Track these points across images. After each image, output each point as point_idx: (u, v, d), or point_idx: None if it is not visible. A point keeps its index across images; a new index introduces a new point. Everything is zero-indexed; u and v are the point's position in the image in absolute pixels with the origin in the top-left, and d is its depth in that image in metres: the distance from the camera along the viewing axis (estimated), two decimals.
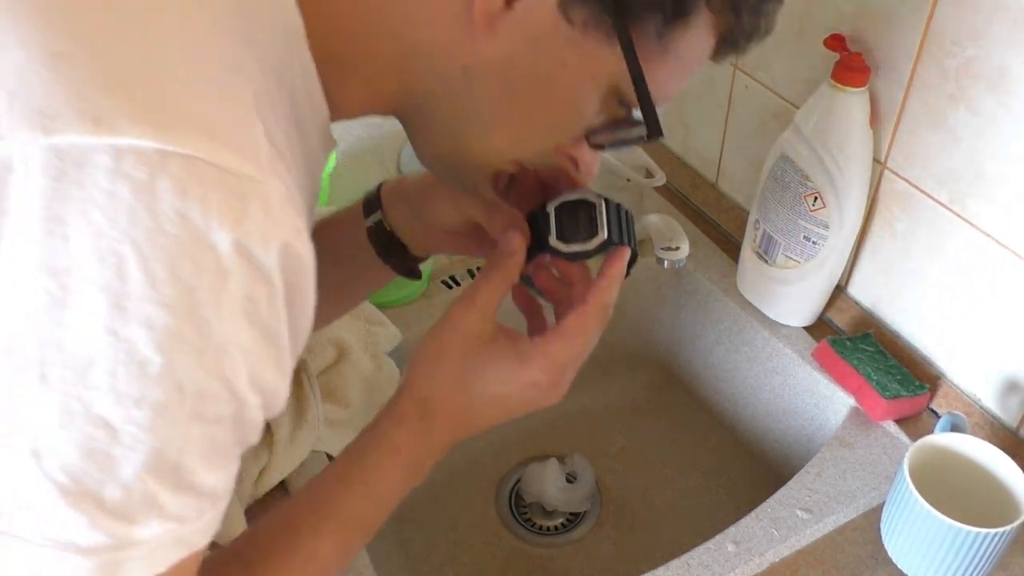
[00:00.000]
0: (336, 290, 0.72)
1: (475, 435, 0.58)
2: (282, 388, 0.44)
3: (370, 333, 0.92)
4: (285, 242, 0.39)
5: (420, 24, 0.49)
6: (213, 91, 0.39)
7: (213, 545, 0.71)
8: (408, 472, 0.57)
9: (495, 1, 0.47)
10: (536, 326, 0.62)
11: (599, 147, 0.56)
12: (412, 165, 1.16)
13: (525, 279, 0.61)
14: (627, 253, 0.58)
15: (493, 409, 0.58)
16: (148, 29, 0.39)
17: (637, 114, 0.53)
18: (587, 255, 0.57)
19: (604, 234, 0.57)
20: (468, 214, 0.63)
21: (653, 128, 0.52)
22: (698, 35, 0.51)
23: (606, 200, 0.59)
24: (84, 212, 0.35)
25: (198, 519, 0.43)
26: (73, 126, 0.35)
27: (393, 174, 1.18)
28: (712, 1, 0.49)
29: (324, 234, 0.71)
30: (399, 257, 0.69)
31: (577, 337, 0.56)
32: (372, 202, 0.69)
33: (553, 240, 0.57)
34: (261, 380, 0.42)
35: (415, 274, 0.71)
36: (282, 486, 0.81)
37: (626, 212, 0.60)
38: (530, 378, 0.56)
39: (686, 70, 0.54)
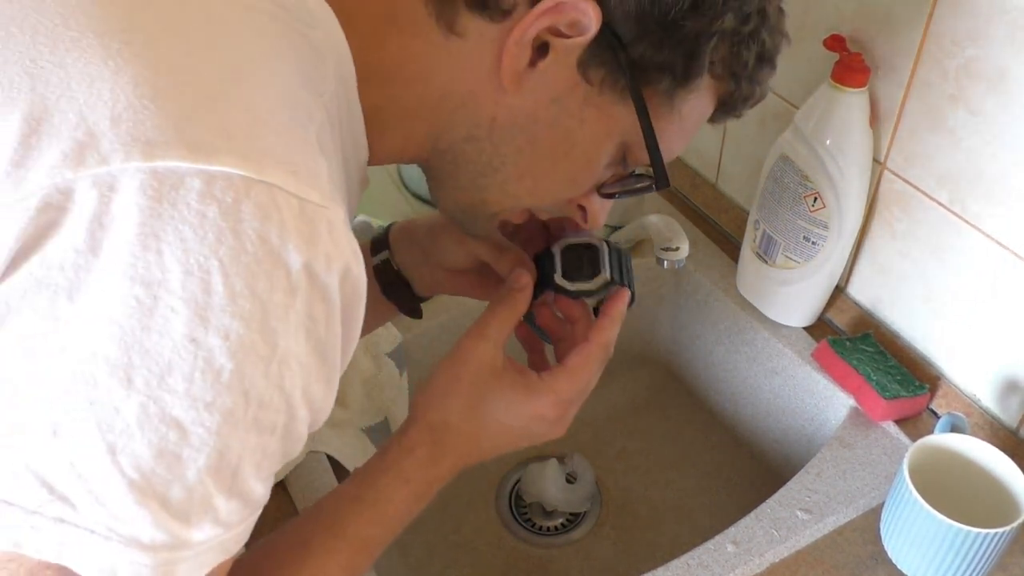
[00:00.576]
0: None
1: (481, 462, 0.62)
2: (328, 404, 0.47)
3: (370, 334, 0.92)
4: (346, 265, 0.43)
5: (454, 78, 0.52)
6: (288, 127, 0.42)
7: None
8: (416, 498, 0.60)
9: (521, 60, 0.50)
10: (537, 361, 0.66)
11: (609, 197, 0.60)
12: (410, 171, 1.16)
13: (528, 316, 0.65)
14: (627, 294, 0.63)
15: (500, 438, 0.61)
16: (235, 67, 0.42)
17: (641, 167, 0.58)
18: (590, 294, 0.62)
19: (607, 274, 0.62)
20: (476, 255, 0.67)
21: (661, 180, 0.56)
22: (701, 97, 0.55)
23: (608, 243, 0.64)
24: (177, 229, 0.38)
25: (240, 525, 0.45)
26: (171, 153, 0.38)
27: (396, 180, 1.18)
28: (714, 67, 0.53)
29: None
30: (403, 296, 0.74)
31: (581, 374, 0.61)
32: (380, 241, 0.74)
33: (559, 278, 0.62)
34: (311, 394, 0.44)
35: (417, 313, 0.75)
36: (282, 487, 0.81)
37: (627, 256, 0.65)
38: (537, 411, 0.60)
39: (689, 131, 0.57)
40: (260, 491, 0.45)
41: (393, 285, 0.73)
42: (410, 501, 0.59)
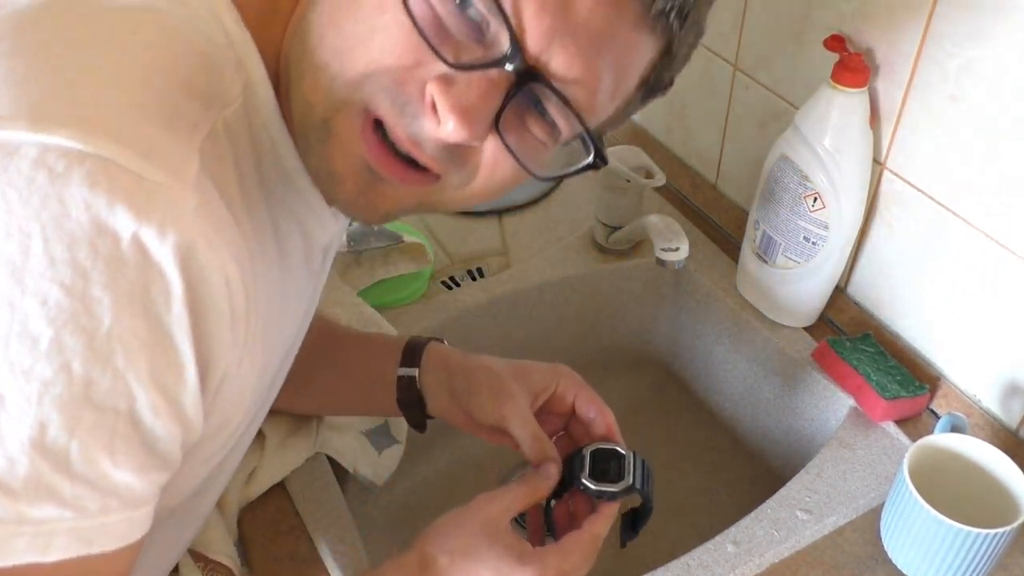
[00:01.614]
0: (340, 397, 0.81)
1: None
2: (189, 402, 0.45)
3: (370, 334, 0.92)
4: (189, 245, 0.42)
5: None
6: (152, 120, 0.43)
7: (198, 556, 0.73)
8: None
9: None
10: (534, 543, 0.68)
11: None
12: None
13: (546, 508, 0.70)
14: (616, 505, 0.68)
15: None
16: (110, 73, 0.44)
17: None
18: (612, 496, 0.67)
19: (630, 480, 0.68)
20: (507, 426, 0.70)
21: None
22: None
23: (634, 453, 0.70)
24: (3, 193, 0.39)
25: (101, 515, 0.44)
26: (16, 124, 0.40)
27: None
28: None
29: (360, 346, 0.82)
30: (415, 413, 0.76)
31: (570, 556, 0.64)
32: (414, 354, 0.76)
33: (586, 478, 0.68)
34: (161, 381, 0.43)
35: (421, 427, 0.78)
36: (282, 487, 0.81)
37: (649, 467, 0.71)
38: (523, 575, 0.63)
39: None
40: (121, 478, 0.44)
41: (408, 401, 0.75)
42: None
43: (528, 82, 0.48)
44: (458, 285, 1.04)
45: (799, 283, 0.93)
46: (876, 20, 0.84)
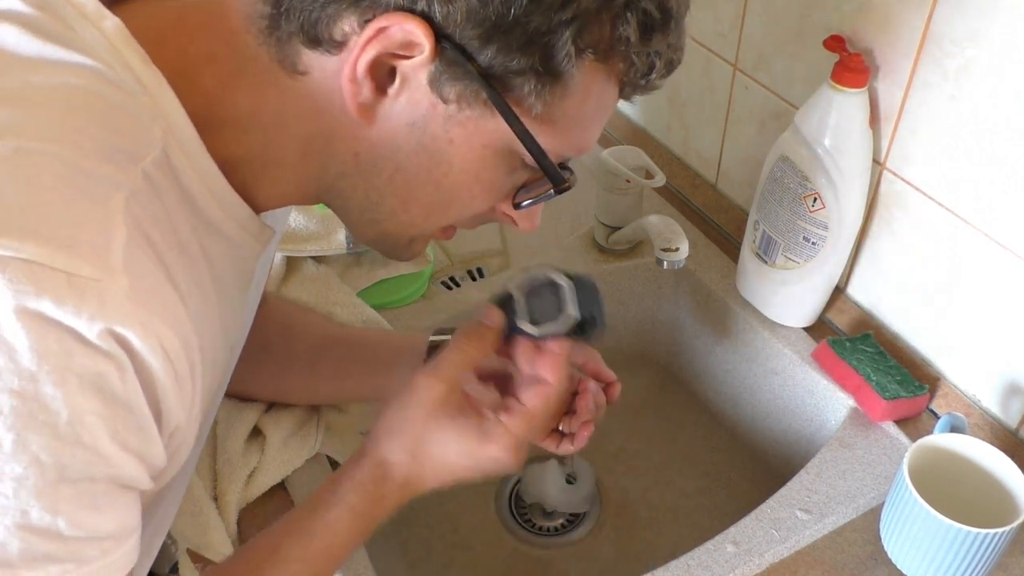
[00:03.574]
0: (356, 376, 0.82)
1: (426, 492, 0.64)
2: (154, 451, 0.48)
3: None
4: (124, 332, 0.43)
5: (312, 118, 0.52)
6: (70, 203, 0.43)
7: (197, 557, 0.73)
8: (361, 531, 0.62)
9: (364, 91, 0.50)
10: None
11: (518, 207, 0.59)
12: None
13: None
14: (565, 344, 0.63)
15: (448, 476, 0.63)
16: (11, 157, 0.43)
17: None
18: (557, 334, 0.61)
19: (572, 311, 0.61)
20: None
21: (556, 180, 0.55)
22: (589, 85, 0.51)
23: (570, 277, 0.62)
24: None
25: (102, 558, 0.46)
26: None
27: None
28: (591, 52, 0.50)
29: (383, 333, 0.87)
30: None
31: (532, 411, 0.62)
32: (445, 331, 0.78)
33: (523, 323, 0.61)
34: (127, 442, 0.45)
35: None
36: (282, 488, 0.81)
37: (590, 283, 0.63)
38: (491, 454, 0.61)
39: (591, 119, 0.55)
40: (108, 526, 0.46)
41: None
42: (355, 533, 0.62)
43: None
44: (458, 285, 1.04)
45: (799, 283, 0.93)
46: (876, 20, 0.84)
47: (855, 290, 0.98)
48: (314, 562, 0.61)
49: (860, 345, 0.91)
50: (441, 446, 0.60)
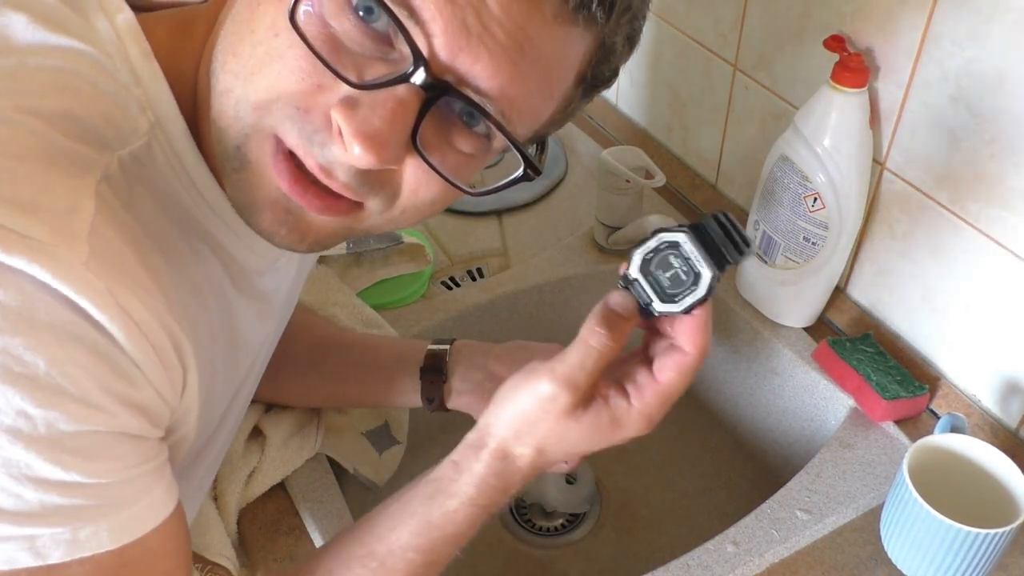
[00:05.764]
0: (353, 380, 0.82)
1: None
2: (151, 399, 0.46)
3: (370, 336, 0.92)
4: (77, 300, 0.41)
5: None
6: (36, 171, 0.42)
7: (197, 558, 0.73)
8: (482, 519, 0.60)
9: None
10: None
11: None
12: None
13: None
14: (706, 307, 0.55)
15: (578, 456, 0.60)
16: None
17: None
18: (700, 302, 0.53)
19: (706, 270, 0.52)
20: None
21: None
22: None
23: (684, 229, 0.53)
24: None
25: (125, 508, 0.46)
26: None
27: None
28: None
29: (382, 338, 0.87)
30: (435, 382, 0.78)
31: (676, 391, 0.57)
32: (443, 341, 0.80)
33: (659, 305, 0.54)
34: (121, 394, 0.44)
35: (433, 401, 0.79)
36: (282, 488, 0.81)
37: (712, 222, 0.53)
38: (623, 436, 0.57)
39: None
40: (125, 471, 0.46)
41: (432, 371, 0.78)
42: (475, 522, 0.59)
43: (440, 95, 0.45)
44: (458, 285, 1.04)
45: (799, 283, 0.93)
46: (876, 20, 0.84)
47: (855, 290, 0.98)
48: (431, 551, 0.59)
49: (860, 345, 0.91)
50: (574, 443, 0.56)
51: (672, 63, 1.15)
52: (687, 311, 0.54)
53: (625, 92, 1.27)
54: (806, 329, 0.98)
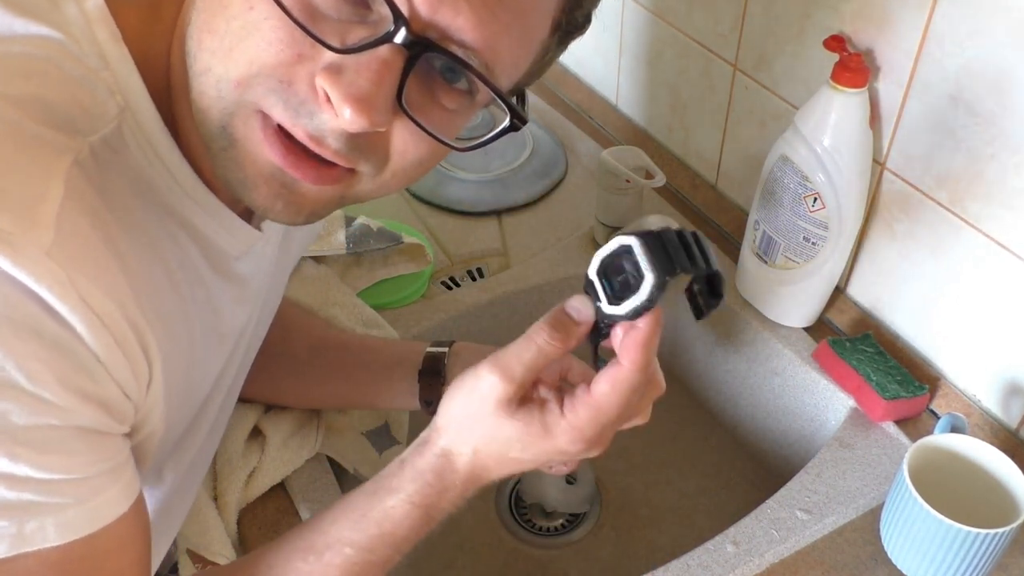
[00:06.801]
0: (353, 382, 0.82)
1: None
2: (113, 395, 0.46)
3: (369, 335, 0.92)
4: (36, 290, 0.41)
5: None
6: (5, 159, 0.42)
7: (196, 558, 0.73)
8: (422, 520, 0.59)
9: None
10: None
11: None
12: None
13: (594, 353, 0.57)
14: (653, 316, 0.53)
15: (513, 468, 0.59)
16: None
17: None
18: (645, 308, 0.51)
19: (649, 276, 0.50)
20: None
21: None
22: None
23: (643, 233, 0.51)
24: None
25: (80, 504, 0.46)
26: None
27: None
28: None
29: (381, 341, 0.86)
30: (433, 385, 0.78)
31: (608, 408, 0.55)
32: (442, 344, 0.79)
33: (607, 307, 0.52)
34: (81, 389, 0.44)
35: (431, 403, 0.78)
36: (282, 488, 0.81)
37: (669, 231, 0.51)
38: (557, 448, 0.56)
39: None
40: (84, 468, 0.46)
41: (430, 374, 0.77)
42: (415, 523, 0.59)
43: (422, 52, 0.45)
44: (458, 285, 1.04)
45: (799, 283, 0.93)
46: (876, 20, 0.84)
47: (855, 290, 0.98)
48: (370, 547, 0.58)
49: (860, 345, 0.91)
50: (505, 442, 0.56)
51: (672, 63, 1.15)
52: (632, 317, 0.52)
53: (625, 92, 1.27)
54: (806, 329, 0.98)
